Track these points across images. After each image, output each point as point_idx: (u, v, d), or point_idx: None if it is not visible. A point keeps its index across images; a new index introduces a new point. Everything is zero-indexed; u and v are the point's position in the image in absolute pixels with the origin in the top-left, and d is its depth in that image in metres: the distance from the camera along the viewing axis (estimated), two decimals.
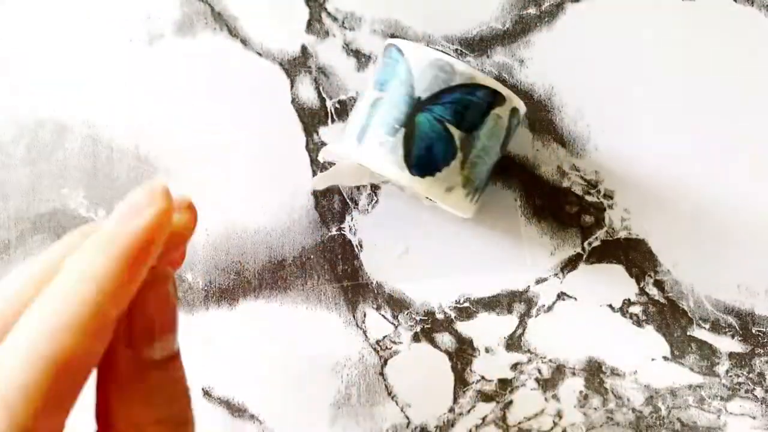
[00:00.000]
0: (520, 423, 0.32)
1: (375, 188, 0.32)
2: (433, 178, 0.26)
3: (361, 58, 0.32)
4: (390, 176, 0.26)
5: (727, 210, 0.31)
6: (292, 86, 0.32)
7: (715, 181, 0.31)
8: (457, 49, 0.31)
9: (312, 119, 0.32)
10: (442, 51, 0.28)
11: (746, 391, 0.32)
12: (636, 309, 0.31)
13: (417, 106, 0.26)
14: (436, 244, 0.27)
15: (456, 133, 0.26)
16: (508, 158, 0.31)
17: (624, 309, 0.31)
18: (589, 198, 0.31)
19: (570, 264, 0.32)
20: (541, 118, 0.31)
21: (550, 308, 0.32)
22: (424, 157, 0.26)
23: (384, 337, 0.32)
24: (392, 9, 0.31)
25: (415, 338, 0.32)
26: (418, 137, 0.26)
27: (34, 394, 0.14)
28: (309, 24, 0.32)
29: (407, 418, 0.32)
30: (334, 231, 0.32)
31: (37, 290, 0.16)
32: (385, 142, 0.26)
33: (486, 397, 0.32)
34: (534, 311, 0.32)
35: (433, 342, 0.32)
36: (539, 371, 0.32)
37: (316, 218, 0.32)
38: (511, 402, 0.32)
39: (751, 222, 0.31)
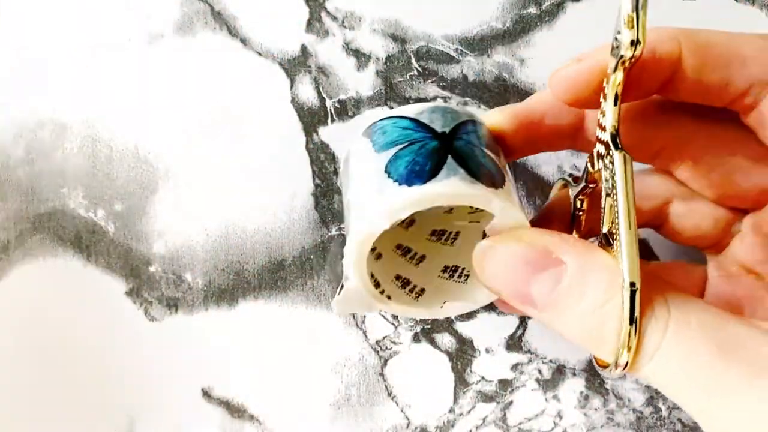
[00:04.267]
0: (520, 423, 0.32)
1: None
2: (503, 189, 0.21)
3: (361, 58, 0.32)
4: (462, 196, 0.21)
5: None
6: (291, 86, 0.32)
7: None
8: (457, 49, 0.31)
9: (312, 119, 0.32)
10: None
11: None
12: None
13: (445, 138, 0.21)
14: None
15: (496, 158, 0.22)
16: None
17: None
18: None
19: None
20: None
21: None
22: (486, 168, 0.21)
23: (384, 338, 0.32)
24: (392, 8, 0.31)
25: (415, 339, 0.32)
26: (466, 156, 0.21)
27: None
28: (309, 23, 0.32)
29: (407, 418, 0.32)
30: (334, 231, 0.32)
31: None
32: (443, 174, 0.21)
33: (486, 397, 0.32)
34: None
35: (433, 342, 0.32)
36: (540, 372, 0.32)
37: (316, 218, 0.32)
38: (511, 402, 0.32)
39: None
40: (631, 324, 0.17)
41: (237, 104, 0.32)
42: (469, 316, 0.32)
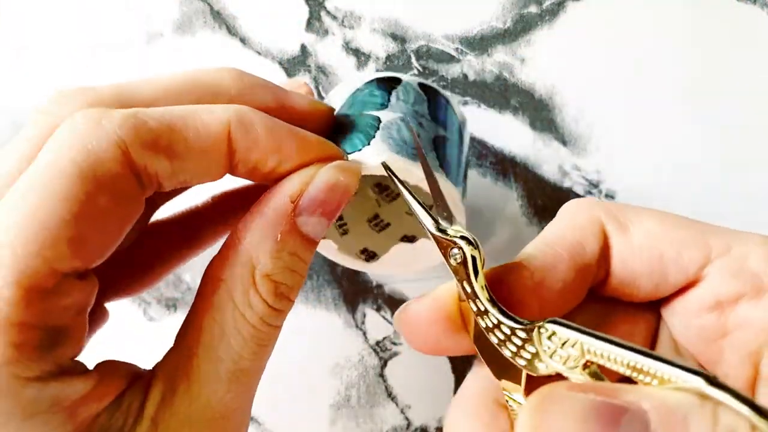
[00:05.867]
0: None
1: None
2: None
3: (361, 57, 0.31)
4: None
5: (730, 208, 0.31)
6: None
7: (718, 179, 0.31)
8: (457, 48, 0.31)
9: None
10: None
11: None
12: None
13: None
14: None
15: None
16: (509, 158, 0.31)
17: None
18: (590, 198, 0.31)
19: None
20: (542, 117, 0.31)
21: None
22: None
23: (384, 338, 0.32)
24: (392, 7, 0.31)
25: None
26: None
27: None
28: (308, 22, 0.32)
29: (407, 419, 0.32)
30: None
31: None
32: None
33: None
34: None
35: None
36: None
37: None
38: None
39: (755, 222, 0.31)
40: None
41: None
42: None
